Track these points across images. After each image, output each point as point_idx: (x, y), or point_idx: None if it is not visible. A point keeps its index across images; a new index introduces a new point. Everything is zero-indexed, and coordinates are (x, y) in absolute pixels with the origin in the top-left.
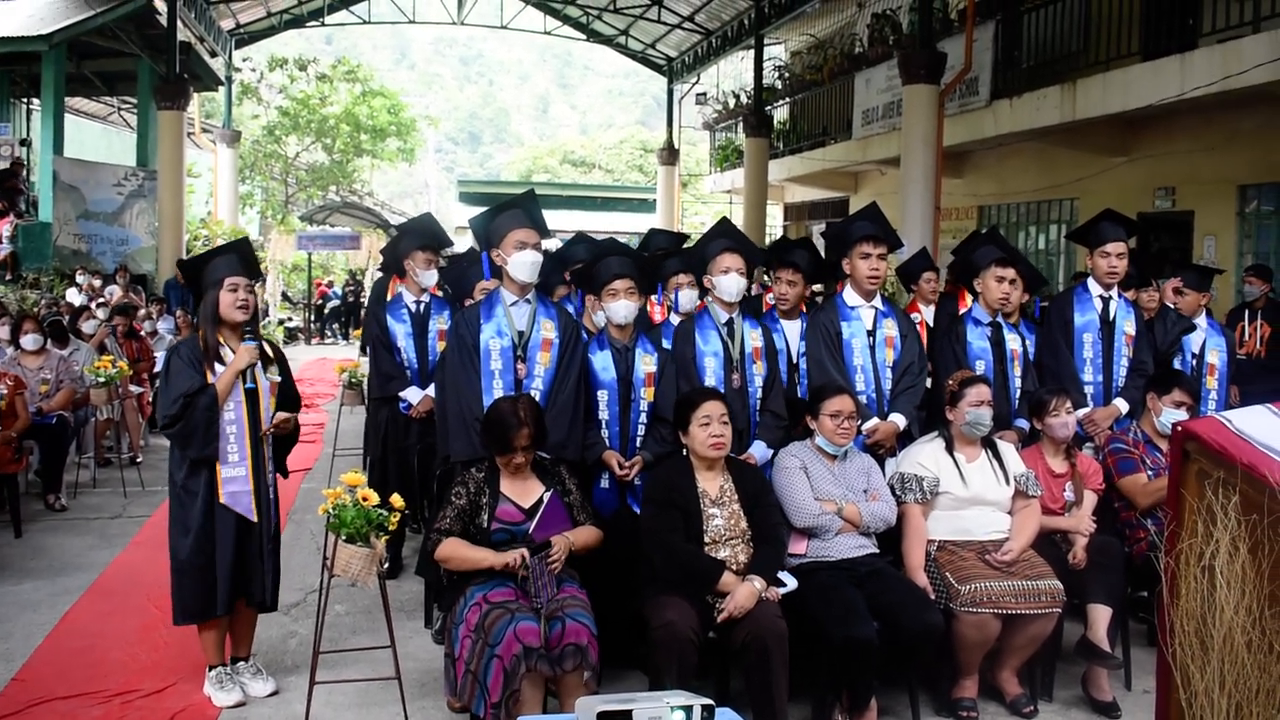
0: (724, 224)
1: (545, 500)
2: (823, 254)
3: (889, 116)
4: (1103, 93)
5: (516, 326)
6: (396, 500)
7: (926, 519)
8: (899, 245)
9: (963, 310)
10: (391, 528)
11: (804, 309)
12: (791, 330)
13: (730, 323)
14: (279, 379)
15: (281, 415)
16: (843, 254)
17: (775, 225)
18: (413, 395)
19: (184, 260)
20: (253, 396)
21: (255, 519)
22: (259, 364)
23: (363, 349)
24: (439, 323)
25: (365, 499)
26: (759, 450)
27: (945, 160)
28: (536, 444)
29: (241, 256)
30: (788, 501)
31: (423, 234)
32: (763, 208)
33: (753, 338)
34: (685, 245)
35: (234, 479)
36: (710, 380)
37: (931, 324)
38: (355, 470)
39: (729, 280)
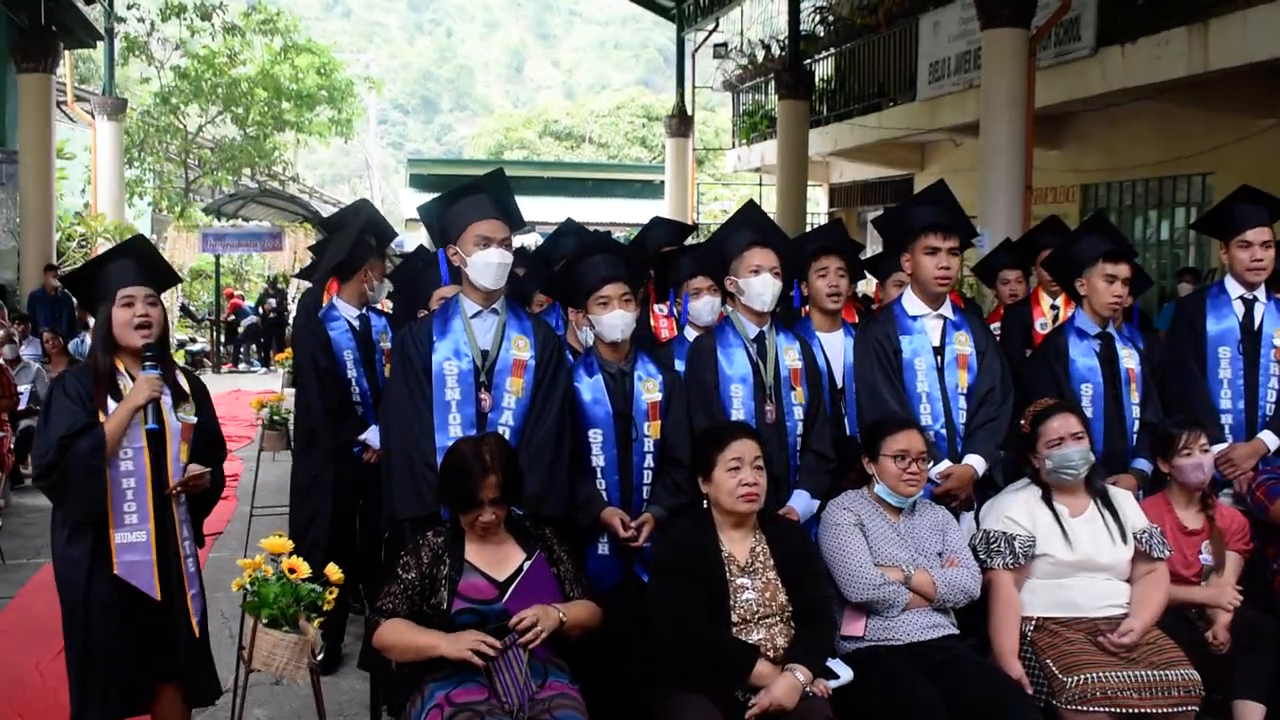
0: (750, 210)
1: (525, 570)
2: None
3: (964, 71)
4: (1244, 35)
5: (479, 344)
6: (334, 572)
7: (1020, 590)
8: (974, 235)
9: (1038, 319)
10: (327, 608)
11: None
12: (833, 344)
13: (760, 338)
14: (194, 419)
15: (195, 468)
16: (902, 248)
17: (819, 213)
18: (373, 436)
19: (69, 274)
20: (157, 441)
21: (158, 597)
22: (166, 399)
23: (293, 380)
24: (383, 339)
25: (293, 570)
26: (801, 503)
27: (1038, 126)
28: (509, 497)
29: (138, 260)
30: (839, 568)
31: (381, 235)
32: (802, 190)
33: (789, 357)
34: (693, 238)
35: (131, 546)
36: (738, 414)
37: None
38: (279, 534)
39: (759, 282)
